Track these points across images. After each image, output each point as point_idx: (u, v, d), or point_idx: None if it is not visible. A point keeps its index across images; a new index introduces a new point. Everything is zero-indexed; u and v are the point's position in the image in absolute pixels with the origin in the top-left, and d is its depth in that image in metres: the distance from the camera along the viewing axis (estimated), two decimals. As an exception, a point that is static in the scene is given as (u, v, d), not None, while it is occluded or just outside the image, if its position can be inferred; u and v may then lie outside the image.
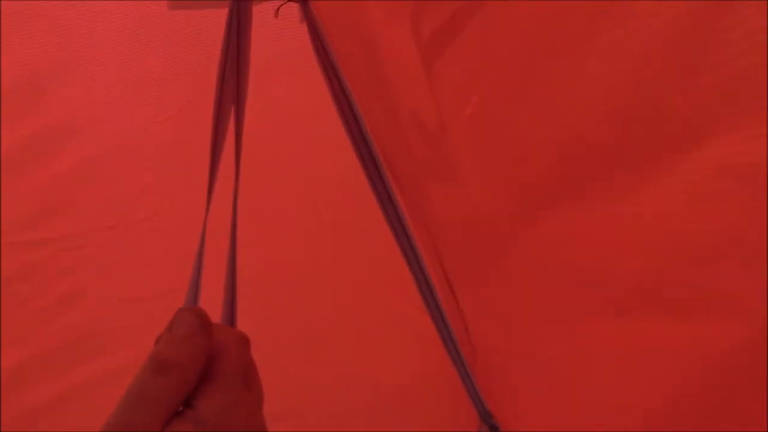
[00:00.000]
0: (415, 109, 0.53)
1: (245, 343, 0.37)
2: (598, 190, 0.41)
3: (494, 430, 0.75)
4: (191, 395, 0.33)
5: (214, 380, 0.33)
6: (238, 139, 0.44)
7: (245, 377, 0.34)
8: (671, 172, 0.36)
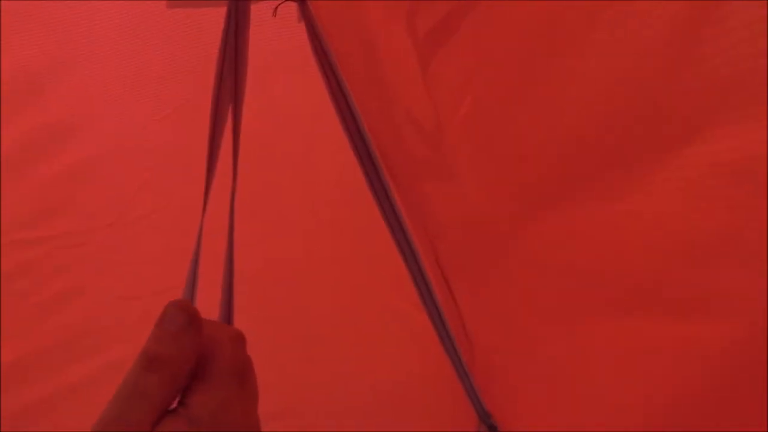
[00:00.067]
0: (412, 108, 0.53)
1: (241, 340, 0.36)
2: (596, 189, 0.41)
3: (492, 429, 0.75)
4: (185, 393, 0.33)
5: (208, 378, 0.33)
6: (235, 138, 0.44)
7: (240, 375, 0.34)
8: (669, 170, 0.36)
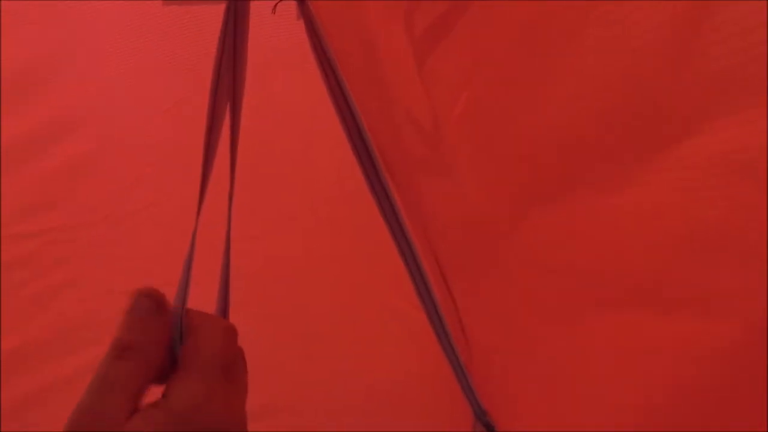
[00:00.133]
0: (410, 107, 0.53)
1: (231, 333, 0.36)
2: (594, 187, 0.41)
3: (489, 427, 0.75)
4: (168, 383, 0.33)
5: (192, 369, 0.33)
6: (233, 136, 0.44)
7: (226, 368, 0.34)
8: (667, 166, 0.36)
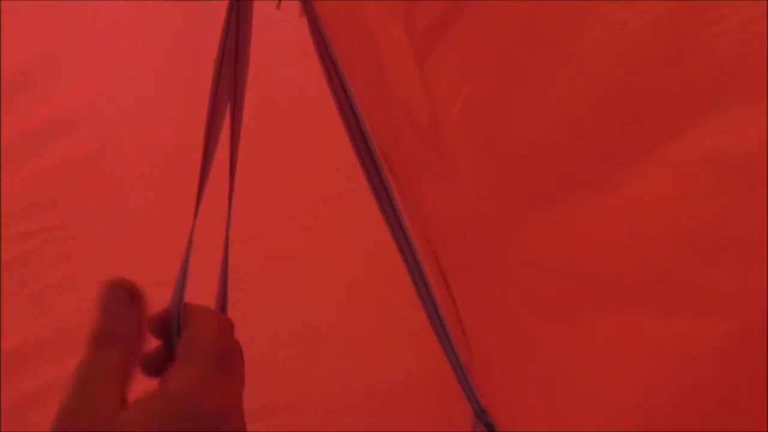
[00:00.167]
0: (410, 106, 0.53)
1: (226, 325, 0.37)
2: (593, 186, 0.41)
3: (489, 426, 0.74)
4: (165, 374, 0.33)
5: (188, 359, 0.34)
6: (234, 136, 0.43)
7: (222, 359, 0.34)
8: (666, 163, 0.36)
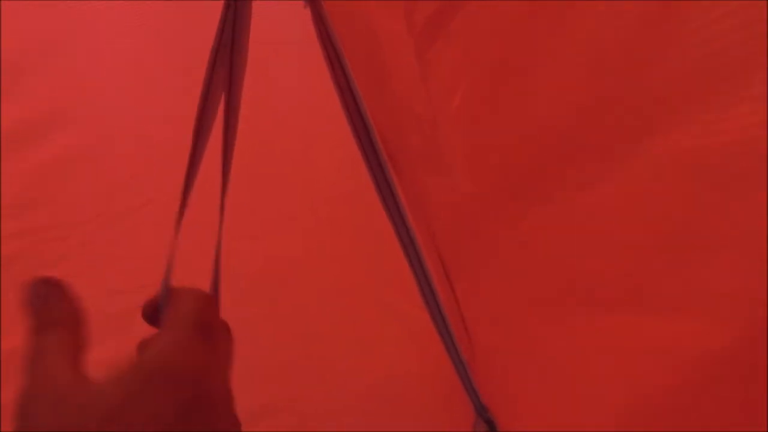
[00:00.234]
0: (412, 102, 0.53)
1: (207, 299, 0.37)
2: (586, 185, 0.41)
3: (490, 424, 0.75)
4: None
5: (165, 329, 0.34)
6: (228, 129, 0.42)
7: (203, 329, 0.34)
8: (663, 163, 0.36)
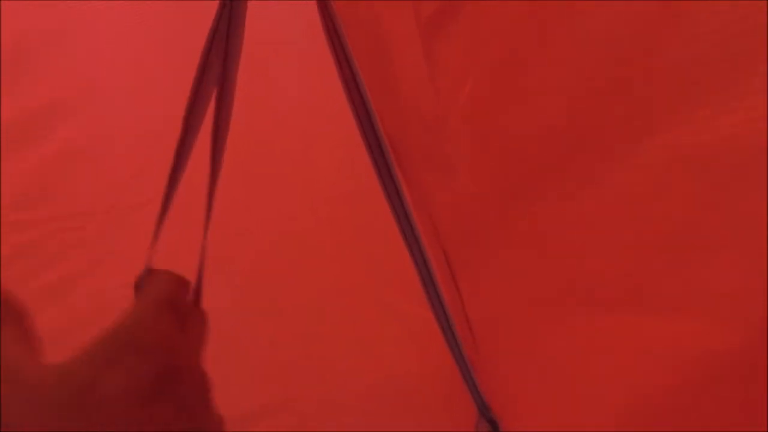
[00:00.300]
0: (418, 98, 0.52)
1: (178, 282, 0.39)
2: (591, 182, 0.40)
3: (492, 423, 0.74)
4: None
5: (135, 303, 0.36)
6: (219, 124, 0.42)
7: (169, 305, 0.36)
8: (664, 159, 0.35)
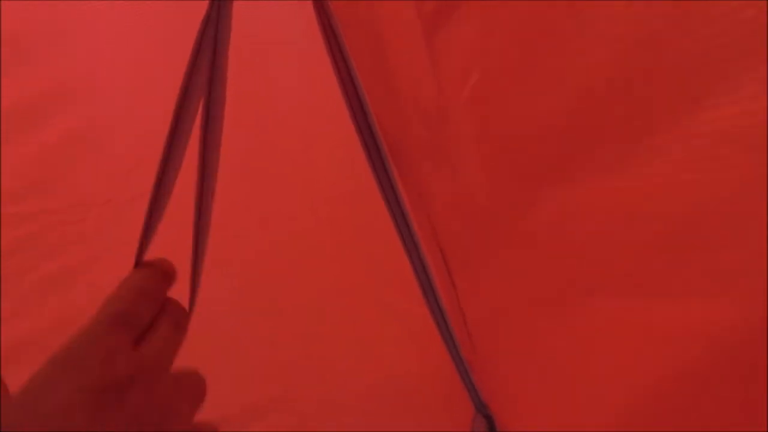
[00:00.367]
0: (417, 91, 0.52)
1: (146, 269, 0.42)
2: (603, 167, 0.40)
3: (489, 420, 0.75)
4: None
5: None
6: (206, 134, 0.42)
7: (119, 317, 0.38)
8: (671, 146, 0.35)
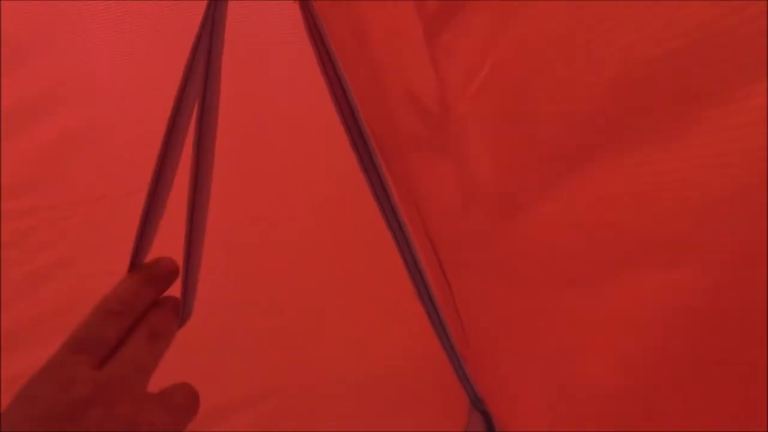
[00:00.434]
0: (410, 85, 0.51)
1: (107, 312, 0.43)
2: (579, 181, 0.39)
3: (484, 414, 0.75)
4: None
5: None
6: (201, 138, 0.42)
7: (80, 343, 0.40)
8: (671, 140, 0.34)
